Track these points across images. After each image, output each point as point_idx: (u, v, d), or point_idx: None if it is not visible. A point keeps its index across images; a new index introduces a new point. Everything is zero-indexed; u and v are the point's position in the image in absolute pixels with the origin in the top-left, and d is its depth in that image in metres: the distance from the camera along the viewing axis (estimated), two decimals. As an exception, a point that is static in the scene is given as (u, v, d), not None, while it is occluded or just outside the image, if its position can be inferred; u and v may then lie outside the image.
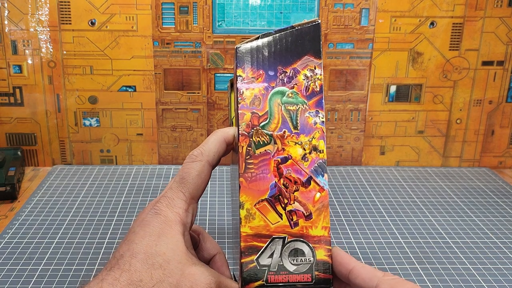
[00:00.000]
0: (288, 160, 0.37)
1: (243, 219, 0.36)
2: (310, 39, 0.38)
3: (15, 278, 0.51)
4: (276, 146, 0.37)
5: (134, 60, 0.75)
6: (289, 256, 0.35)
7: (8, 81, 0.75)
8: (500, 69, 0.79)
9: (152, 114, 0.78)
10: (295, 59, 0.38)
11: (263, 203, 0.36)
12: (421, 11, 0.75)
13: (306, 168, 0.36)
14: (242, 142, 0.37)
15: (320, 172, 0.36)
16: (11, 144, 0.78)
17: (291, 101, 0.37)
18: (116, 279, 0.33)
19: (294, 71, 0.38)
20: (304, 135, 0.37)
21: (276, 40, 0.38)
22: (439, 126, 0.81)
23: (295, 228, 0.36)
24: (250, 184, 0.36)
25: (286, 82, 0.38)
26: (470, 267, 0.54)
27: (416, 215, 0.66)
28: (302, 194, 0.36)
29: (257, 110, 0.37)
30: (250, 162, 0.37)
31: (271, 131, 0.37)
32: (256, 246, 0.35)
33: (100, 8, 0.73)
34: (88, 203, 0.67)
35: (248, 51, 0.38)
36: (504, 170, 0.83)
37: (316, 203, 0.36)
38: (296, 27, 0.38)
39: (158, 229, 0.36)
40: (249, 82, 0.38)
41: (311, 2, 0.74)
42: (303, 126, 0.37)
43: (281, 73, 0.38)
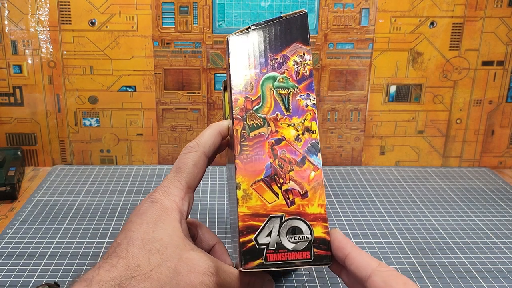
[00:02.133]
0: (282, 141, 0.38)
1: (240, 199, 0.37)
2: (298, 28, 0.40)
3: (15, 278, 0.51)
4: (269, 129, 0.38)
5: (134, 60, 0.75)
6: (287, 234, 0.36)
7: (8, 81, 0.75)
8: (500, 69, 0.79)
9: (152, 114, 0.78)
10: (284, 46, 0.40)
11: (259, 183, 0.37)
12: (421, 11, 0.75)
13: (300, 148, 0.38)
14: (237, 126, 0.38)
15: (314, 151, 0.38)
16: (11, 144, 0.78)
17: (283, 86, 0.39)
18: (113, 265, 0.33)
19: (284, 57, 0.40)
20: (296, 117, 0.38)
21: (265, 30, 0.40)
22: (439, 126, 0.81)
23: (292, 206, 0.37)
24: (246, 166, 0.37)
25: (276, 68, 0.39)
26: (470, 267, 0.54)
27: (416, 215, 0.66)
28: (297, 174, 0.37)
29: (250, 95, 0.39)
30: (245, 144, 0.38)
31: (264, 114, 0.38)
32: (253, 225, 0.36)
33: (100, 8, 0.73)
34: (88, 203, 0.67)
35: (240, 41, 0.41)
36: (504, 170, 0.83)
37: (311, 181, 0.37)
38: (284, 17, 0.40)
39: (155, 217, 0.36)
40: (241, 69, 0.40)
41: (311, 2, 0.74)
42: (295, 109, 0.38)
43: (272, 60, 0.40)
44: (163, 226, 0.36)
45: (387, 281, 0.31)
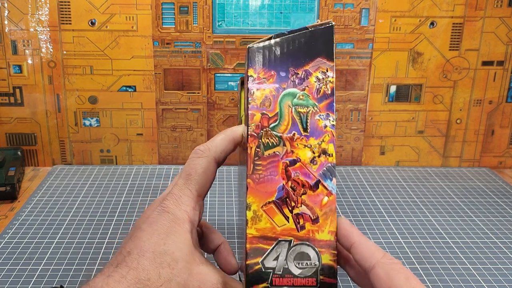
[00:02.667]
0: (296, 162, 0.36)
1: (250, 220, 0.36)
2: (323, 41, 0.37)
3: (15, 278, 0.51)
4: (285, 148, 0.36)
5: (134, 60, 0.75)
6: (295, 260, 0.35)
7: (8, 81, 0.75)
8: (500, 69, 0.79)
9: (152, 114, 0.78)
10: (307, 60, 0.37)
11: (270, 205, 0.36)
12: (421, 11, 0.75)
13: (314, 171, 0.36)
14: (251, 143, 0.36)
15: (329, 176, 0.36)
16: (11, 144, 0.78)
17: (302, 103, 0.37)
18: (123, 276, 0.33)
19: (306, 72, 0.37)
20: (313, 138, 0.36)
21: (288, 41, 0.37)
22: (439, 126, 0.81)
23: (302, 231, 0.35)
24: (258, 186, 0.36)
25: (297, 84, 0.37)
26: (470, 267, 0.54)
27: (416, 215, 0.66)
28: (310, 198, 0.36)
29: (267, 111, 0.37)
30: (258, 163, 0.36)
31: (280, 132, 0.36)
32: (261, 248, 0.35)
33: (100, 8, 0.73)
34: (88, 203, 0.67)
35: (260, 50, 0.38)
36: (504, 170, 0.83)
37: (324, 207, 0.36)
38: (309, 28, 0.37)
39: (166, 228, 0.36)
40: (260, 83, 0.37)
41: (311, 2, 0.74)
42: (313, 129, 0.36)
43: (293, 75, 0.37)
44: (174, 239, 0.35)
45: (389, 275, 0.31)
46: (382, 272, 0.32)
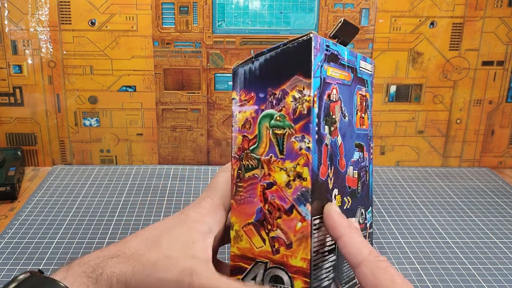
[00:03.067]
0: (273, 185, 0.36)
1: (232, 239, 0.37)
2: (299, 57, 0.35)
3: (15, 278, 0.51)
4: (263, 171, 0.36)
5: (134, 60, 0.75)
6: (270, 281, 0.35)
7: (8, 81, 0.75)
8: (500, 69, 0.79)
9: (152, 114, 0.78)
10: (284, 79, 0.35)
11: (250, 226, 0.36)
12: (421, 11, 0.75)
13: (289, 195, 0.35)
14: (234, 165, 0.37)
15: (303, 201, 0.34)
16: (11, 144, 0.78)
17: (279, 125, 0.35)
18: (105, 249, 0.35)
19: (283, 92, 0.35)
20: (289, 160, 0.35)
21: (267, 60, 0.36)
22: (439, 126, 0.81)
23: (276, 255, 0.35)
24: (239, 207, 0.37)
25: (275, 105, 0.36)
26: (470, 267, 0.54)
27: (416, 215, 0.66)
28: (284, 222, 0.35)
29: (248, 134, 0.37)
30: (240, 185, 0.37)
31: (259, 155, 0.36)
32: (242, 267, 0.36)
33: (100, 8, 0.73)
34: (88, 203, 0.67)
35: (242, 73, 0.37)
36: (504, 170, 0.83)
37: (297, 232, 0.35)
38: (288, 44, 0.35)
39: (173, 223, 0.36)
40: (241, 105, 0.37)
41: (311, 2, 0.74)
42: (288, 151, 0.35)
43: (271, 95, 0.36)
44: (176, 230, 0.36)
45: (375, 274, 0.31)
46: (368, 270, 0.32)
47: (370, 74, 0.44)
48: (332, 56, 0.37)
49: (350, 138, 0.40)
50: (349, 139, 0.40)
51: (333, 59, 0.37)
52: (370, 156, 0.44)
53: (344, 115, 0.39)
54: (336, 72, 0.38)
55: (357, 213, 0.41)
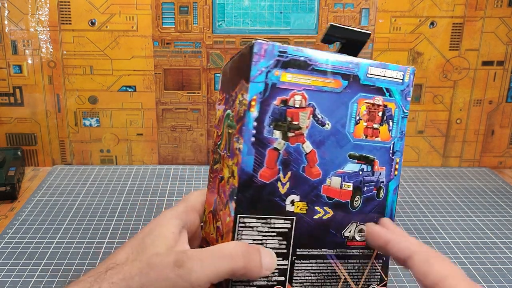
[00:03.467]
0: (222, 180, 0.39)
1: (203, 223, 0.41)
2: (245, 62, 0.36)
3: (15, 278, 0.51)
4: (220, 165, 0.39)
5: (134, 60, 0.75)
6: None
7: (8, 81, 0.75)
8: (500, 69, 0.79)
9: (152, 114, 0.78)
10: (236, 83, 0.38)
11: (210, 214, 0.40)
12: (421, 11, 0.75)
13: (227, 190, 0.37)
14: (211, 157, 0.41)
15: (232, 197, 0.36)
16: (11, 144, 0.78)
17: (231, 125, 0.38)
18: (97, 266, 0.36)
19: (235, 95, 0.38)
20: (231, 159, 0.37)
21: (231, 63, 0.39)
22: (439, 126, 0.81)
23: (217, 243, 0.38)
24: (208, 195, 0.41)
25: (231, 106, 0.38)
26: (470, 267, 0.54)
27: (416, 215, 0.66)
28: (223, 215, 0.38)
29: (218, 130, 0.40)
30: (210, 175, 0.41)
31: (220, 150, 0.39)
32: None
33: (100, 8, 0.73)
34: (88, 203, 0.67)
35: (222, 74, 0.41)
36: (504, 170, 0.83)
37: (226, 226, 0.37)
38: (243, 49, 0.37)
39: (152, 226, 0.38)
40: (218, 104, 0.41)
41: (311, 2, 0.74)
42: (231, 150, 0.37)
43: (230, 97, 0.39)
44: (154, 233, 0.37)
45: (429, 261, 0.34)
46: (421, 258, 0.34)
47: (397, 82, 0.41)
48: (294, 62, 0.37)
49: (338, 148, 0.39)
50: (335, 148, 0.39)
51: (296, 66, 0.37)
52: (393, 172, 0.42)
53: (322, 123, 0.39)
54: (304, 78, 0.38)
55: (350, 228, 0.40)
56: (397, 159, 0.42)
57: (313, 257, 0.40)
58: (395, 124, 0.41)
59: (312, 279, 0.40)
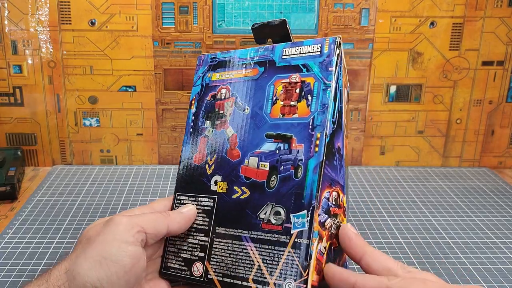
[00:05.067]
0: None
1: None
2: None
3: (15, 278, 0.51)
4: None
5: (134, 60, 0.75)
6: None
7: (8, 81, 0.75)
8: (500, 69, 0.79)
9: (152, 114, 0.78)
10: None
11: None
12: (421, 11, 0.75)
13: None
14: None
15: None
16: (11, 144, 0.78)
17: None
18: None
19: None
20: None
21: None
22: (439, 126, 0.81)
23: None
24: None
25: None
26: (470, 267, 0.54)
27: (416, 215, 0.66)
28: None
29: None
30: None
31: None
32: None
33: (100, 8, 0.73)
34: (88, 203, 0.67)
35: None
36: (504, 170, 0.83)
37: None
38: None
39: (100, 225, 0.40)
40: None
41: (311, 2, 0.74)
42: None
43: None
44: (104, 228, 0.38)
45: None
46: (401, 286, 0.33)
47: (315, 55, 0.40)
48: (221, 64, 0.45)
49: (256, 129, 0.41)
50: (253, 130, 0.41)
51: (222, 66, 0.45)
52: (313, 149, 0.38)
53: (242, 108, 0.42)
54: (228, 74, 0.44)
55: (266, 210, 0.38)
56: (318, 134, 0.38)
57: (229, 237, 0.39)
58: (314, 97, 0.39)
59: (228, 260, 0.39)
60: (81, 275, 0.34)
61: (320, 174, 0.36)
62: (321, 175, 0.36)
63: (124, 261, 0.35)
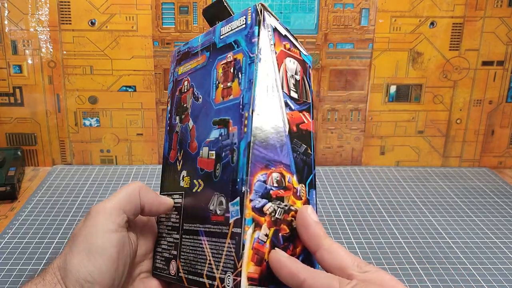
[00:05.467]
0: None
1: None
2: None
3: (15, 278, 0.51)
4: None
5: (134, 60, 0.75)
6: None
7: (8, 81, 0.75)
8: (500, 69, 0.79)
9: (152, 114, 0.78)
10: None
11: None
12: (421, 11, 0.75)
13: None
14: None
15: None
16: (11, 144, 0.78)
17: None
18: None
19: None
20: None
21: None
22: (439, 126, 0.81)
23: None
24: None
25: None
26: (470, 267, 0.54)
27: (416, 215, 0.66)
28: None
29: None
30: None
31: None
32: None
33: (100, 8, 0.73)
34: (88, 203, 0.67)
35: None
36: (504, 170, 0.83)
37: None
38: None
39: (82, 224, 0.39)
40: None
41: (311, 2, 0.74)
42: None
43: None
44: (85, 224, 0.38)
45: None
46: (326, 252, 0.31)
47: (242, 29, 0.37)
48: (183, 56, 0.43)
49: (206, 117, 0.38)
50: (204, 119, 0.38)
51: (184, 58, 0.43)
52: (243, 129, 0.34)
53: (197, 98, 0.40)
54: (188, 65, 0.42)
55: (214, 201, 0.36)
56: (246, 114, 0.34)
57: (191, 232, 0.37)
58: (243, 75, 0.36)
59: (190, 256, 0.37)
60: (73, 272, 0.34)
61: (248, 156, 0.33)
62: (249, 157, 0.33)
63: (109, 251, 0.35)
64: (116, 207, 0.37)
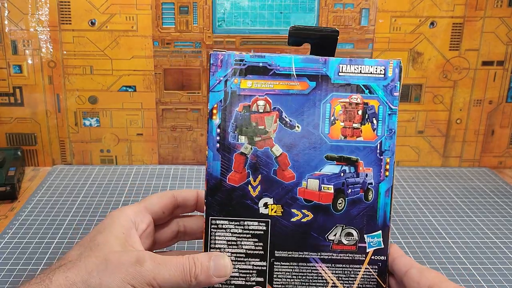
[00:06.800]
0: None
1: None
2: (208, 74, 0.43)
3: (15, 278, 0.51)
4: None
5: (134, 60, 0.75)
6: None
7: (8, 81, 0.75)
8: (500, 69, 0.79)
9: (152, 114, 0.78)
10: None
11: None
12: (421, 11, 0.75)
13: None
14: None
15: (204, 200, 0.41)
16: (11, 144, 0.78)
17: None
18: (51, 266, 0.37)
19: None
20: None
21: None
22: (439, 126, 0.81)
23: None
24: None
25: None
26: (470, 267, 0.54)
27: (416, 215, 0.66)
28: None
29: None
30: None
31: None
32: None
33: (100, 8, 0.73)
34: (88, 203, 0.67)
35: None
36: (504, 170, 0.83)
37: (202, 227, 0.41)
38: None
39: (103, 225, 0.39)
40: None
41: (311, 2, 0.74)
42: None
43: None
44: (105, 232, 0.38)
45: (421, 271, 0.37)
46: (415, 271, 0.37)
47: (378, 77, 0.40)
48: (255, 69, 0.39)
49: (312, 149, 0.39)
50: (309, 150, 0.39)
51: (257, 72, 0.39)
52: (384, 173, 0.40)
53: (291, 126, 0.39)
54: (268, 83, 0.39)
55: (336, 231, 0.40)
56: (387, 159, 0.39)
57: (294, 260, 0.40)
58: (380, 122, 0.40)
59: (295, 281, 0.40)
60: None
61: (391, 197, 0.40)
62: (392, 197, 0.40)
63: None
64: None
